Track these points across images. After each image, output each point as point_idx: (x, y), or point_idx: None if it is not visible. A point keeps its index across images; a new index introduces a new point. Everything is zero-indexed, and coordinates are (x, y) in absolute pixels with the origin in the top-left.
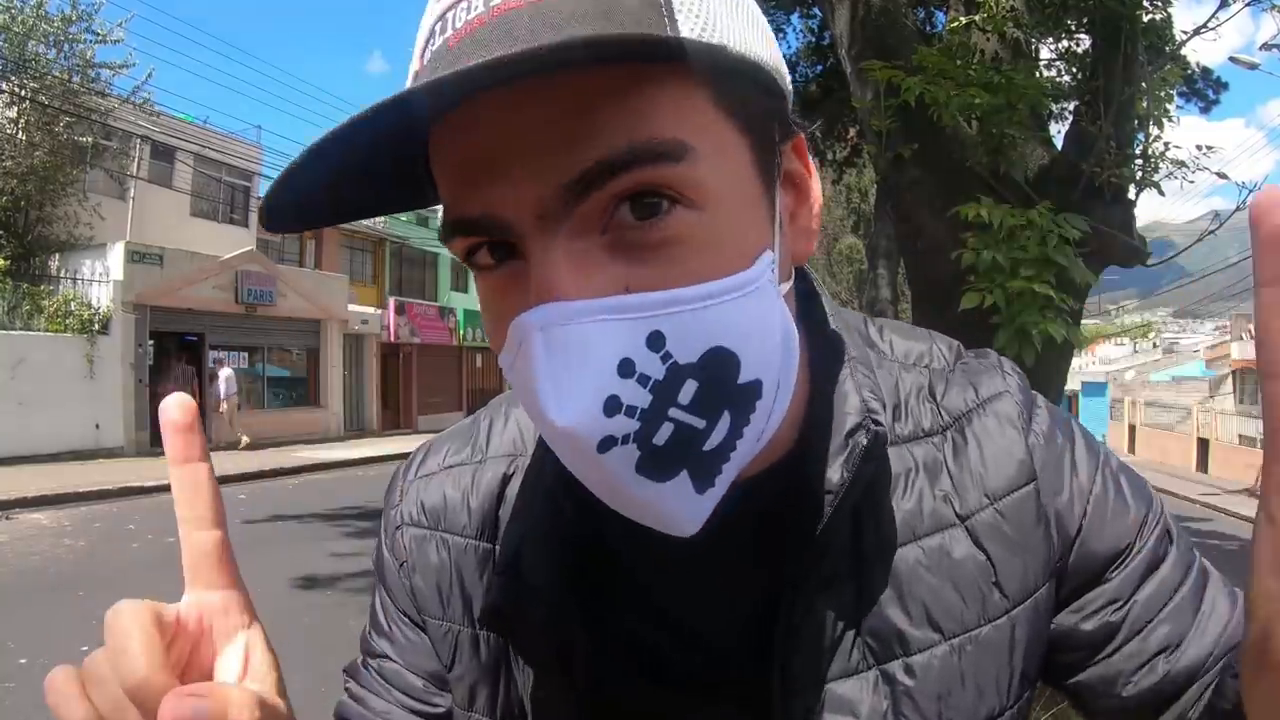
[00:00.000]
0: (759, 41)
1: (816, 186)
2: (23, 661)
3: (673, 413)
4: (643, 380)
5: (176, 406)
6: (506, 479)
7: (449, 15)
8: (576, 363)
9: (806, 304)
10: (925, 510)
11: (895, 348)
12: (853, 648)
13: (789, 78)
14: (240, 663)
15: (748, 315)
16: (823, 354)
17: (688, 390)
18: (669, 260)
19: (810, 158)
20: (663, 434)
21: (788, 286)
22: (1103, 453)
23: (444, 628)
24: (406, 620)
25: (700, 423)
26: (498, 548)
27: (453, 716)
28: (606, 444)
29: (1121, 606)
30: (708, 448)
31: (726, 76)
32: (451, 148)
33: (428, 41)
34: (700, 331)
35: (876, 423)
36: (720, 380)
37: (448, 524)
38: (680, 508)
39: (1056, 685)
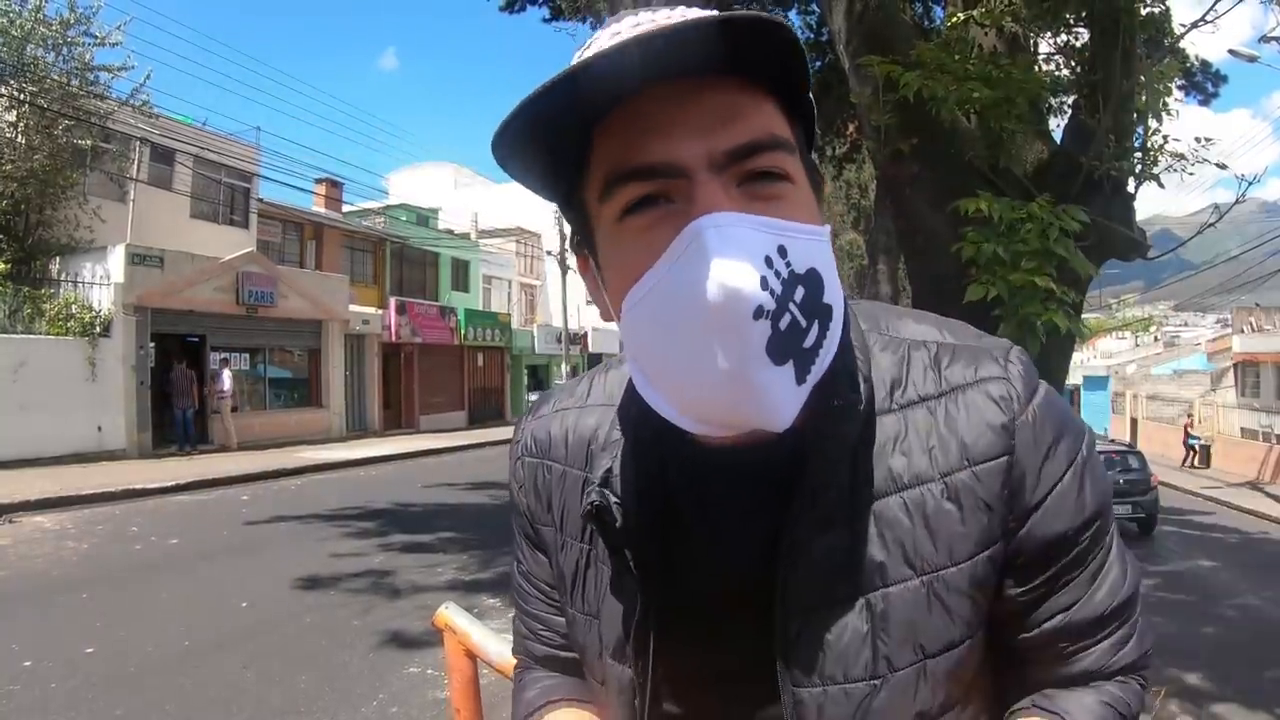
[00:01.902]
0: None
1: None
2: (27, 664)
3: (791, 306)
4: (777, 274)
5: None
6: (599, 422)
7: (622, 26)
8: (743, 250)
9: None
10: (911, 468)
11: (907, 330)
12: (842, 580)
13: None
14: None
15: (826, 254)
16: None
17: (799, 293)
18: (777, 207)
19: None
20: (785, 320)
21: None
22: (1083, 450)
23: (551, 532)
24: (529, 542)
25: (804, 321)
26: (588, 474)
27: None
28: (759, 312)
29: (1049, 573)
30: (806, 344)
31: (806, 123)
32: (637, 117)
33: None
34: (806, 253)
35: (854, 392)
36: (815, 293)
37: (552, 455)
38: (783, 396)
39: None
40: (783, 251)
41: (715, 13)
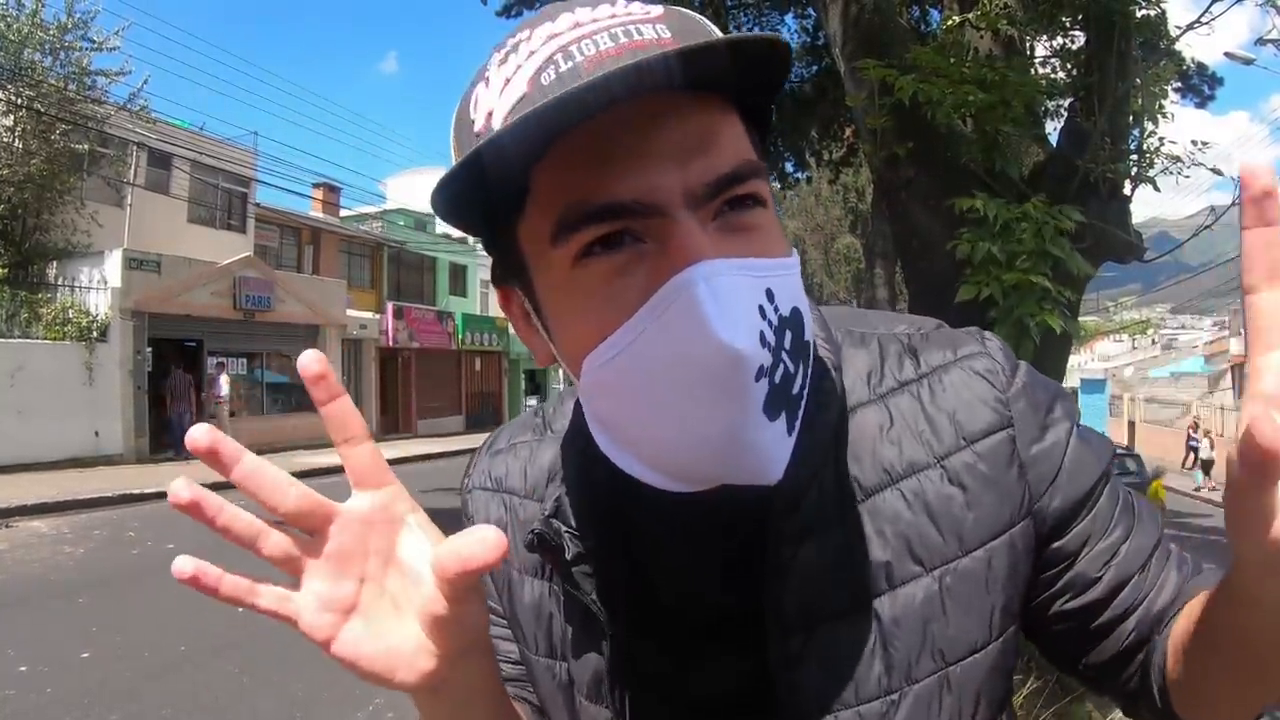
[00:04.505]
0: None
1: None
2: (23, 669)
3: (783, 355)
4: (770, 324)
5: (313, 360)
6: (556, 454)
7: (571, 48)
8: (739, 305)
9: None
10: (904, 456)
11: (881, 323)
12: (841, 589)
13: None
14: (416, 538)
15: (800, 287)
16: None
17: (787, 338)
18: (755, 240)
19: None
20: (779, 373)
21: None
22: (1075, 411)
23: (502, 569)
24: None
25: (794, 367)
26: (545, 504)
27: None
28: (760, 373)
29: (1089, 524)
30: (795, 391)
31: (761, 128)
32: (595, 143)
33: (541, 69)
34: (788, 291)
35: (827, 386)
36: (798, 333)
37: (508, 487)
38: (777, 449)
39: (1036, 627)
40: (770, 296)
41: (713, 37)
